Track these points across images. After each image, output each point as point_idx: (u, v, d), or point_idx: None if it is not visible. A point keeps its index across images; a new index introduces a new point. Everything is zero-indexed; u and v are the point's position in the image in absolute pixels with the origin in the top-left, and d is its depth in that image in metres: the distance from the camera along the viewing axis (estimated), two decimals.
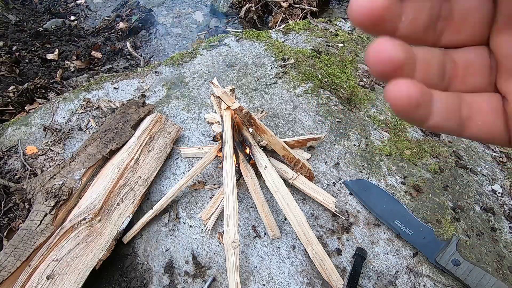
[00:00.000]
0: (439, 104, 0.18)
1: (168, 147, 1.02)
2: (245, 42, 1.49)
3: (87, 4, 2.54)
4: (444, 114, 0.18)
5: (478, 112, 0.18)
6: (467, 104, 0.18)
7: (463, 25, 0.18)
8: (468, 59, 0.18)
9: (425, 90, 0.17)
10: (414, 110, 0.16)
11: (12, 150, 1.11)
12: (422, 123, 0.18)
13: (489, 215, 0.91)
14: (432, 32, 0.18)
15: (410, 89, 0.16)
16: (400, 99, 0.16)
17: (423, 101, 0.17)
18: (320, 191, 0.88)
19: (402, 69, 0.16)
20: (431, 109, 0.17)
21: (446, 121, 0.18)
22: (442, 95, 0.18)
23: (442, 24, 0.18)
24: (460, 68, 0.18)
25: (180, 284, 0.79)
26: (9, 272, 0.71)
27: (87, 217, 0.81)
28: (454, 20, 0.17)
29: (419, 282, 0.78)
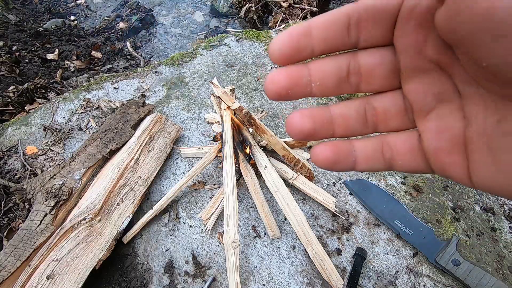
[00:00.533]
0: (360, 153, 0.21)
1: (168, 147, 1.02)
2: (245, 42, 1.49)
3: (87, 4, 2.54)
4: (368, 161, 0.21)
5: (398, 153, 0.20)
6: (388, 145, 0.21)
7: (372, 78, 0.20)
8: (385, 105, 0.21)
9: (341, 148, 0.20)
10: (335, 166, 0.20)
11: (12, 150, 1.11)
12: (353, 170, 0.21)
13: (489, 215, 0.91)
14: (348, 86, 0.20)
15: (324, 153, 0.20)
16: (321, 162, 0.20)
17: (339, 159, 0.20)
18: (320, 191, 0.88)
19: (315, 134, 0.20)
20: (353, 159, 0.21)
21: (371, 165, 0.21)
22: (363, 143, 0.21)
23: (355, 78, 0.20)
24: (380, 114, 0.21)
25: (180, 284, 0.79)
26: (9, 272, 0.71)
27: (87, 217, 0.81)
28: (363, 75, 0.20)
29: (419, 282, 0.78)
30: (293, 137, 0.20)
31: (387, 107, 0.20)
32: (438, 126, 0.18)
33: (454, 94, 0.18)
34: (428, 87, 0.18)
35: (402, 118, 0.20)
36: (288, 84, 0.19)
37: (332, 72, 0.19)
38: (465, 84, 0.17)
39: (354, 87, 0.20)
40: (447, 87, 0.18)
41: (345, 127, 0.21)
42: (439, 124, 0.18)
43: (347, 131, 0.21)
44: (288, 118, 0.20)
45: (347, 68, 0.20)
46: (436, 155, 0.19)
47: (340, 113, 0.21)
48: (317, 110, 0.20)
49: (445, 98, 0.18)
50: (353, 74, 0.20)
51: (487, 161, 0.16)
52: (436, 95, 0.18)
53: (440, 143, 0.18)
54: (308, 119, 0.20)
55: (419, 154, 0.20)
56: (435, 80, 0.18)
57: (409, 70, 0.19)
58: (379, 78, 0.20)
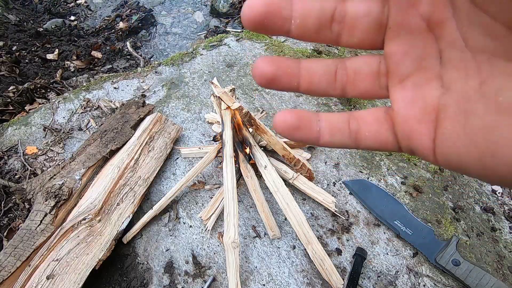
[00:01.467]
0: (325, 123, 0.20)
1: (168, 147, 1.02)
2: (245, 42, 1.49)
3: (87, 4, 2.54)
4: (332, 131, 0.20)
5: (365, 123, 0.20)
6: (355, 118, 0.20)
7: (355, 30, 0.18)
8: (357, 66, 0.20)
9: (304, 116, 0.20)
10: (296, 133, 0.20)
11: (12, 150, 1.11)
12: (316, 142, 0.20)
13: (489, 215, 0.91)
14: (328, 33, 0.19)
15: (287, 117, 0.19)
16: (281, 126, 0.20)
17: (301, 125, 0.19)
18: (320, 191, 0.88)
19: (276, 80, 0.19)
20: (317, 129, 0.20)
21: (336, 137, 0.20)
22: (329, 115, 0.20)
23: (338, 26, 0.18)
24: (351, 74, 0.20)
25: (180, 284, 0.79)
26: (9, 272, 0.71)
27: (87, 217, 0.81)
28: (346, 23, 0.18)
29: (419, 282, 0.78)
30: (256, 80, 0.19)
31: (360, 68, 0.20)
32: (413, 94, 0.18)
33: (435, 61, 0.17)
34: (410, 49, 0.18)
35: (373, 82, 0.20)
36: (264, 10, 0.17)
37: (315, 11, 0.18)
38: (451, 47, 0.16)
39: (335, 36, 0.19)
40: (429, 52, 0.17)
41: (310, 81, 0.20)
42: (412, 92, 0.18)
43: (312, 86, 0.20)
44: (255, 61, 0.19)
45: (332, 13, 0.18)
46: (405, 124, 0.18)
47: (309, 66, 0.20)
48: (285, 59, 0.19)
49: (424, 65, 0.17)
50: (337, 21, 0.18)
51: (457, 128, 0.16)
52: (416, 59, 0.18)
53: (411, 111, 0.18)
54: (272, 64, 0.19)
55: (386, 126, 0.19)
56: (420, 42, 0.17)
57: (396, 27, 0.18)
58: (362, 30, 0.18)
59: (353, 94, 0.20)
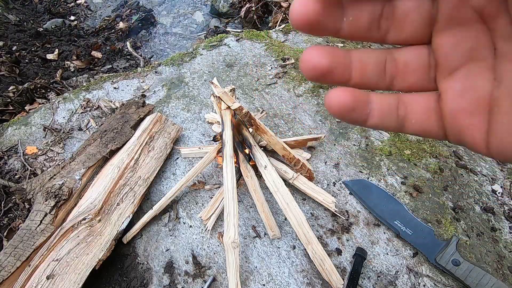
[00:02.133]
0: (376, 106, 0.20)
1: (168, 147, 1.02)
2: (245, 42, 1.49)
3: (87, 4, 2.54)
4: (382, 115, 0.20)
5: (412, 111, 0.19)
6: (404, 104, 0.20)
7: (404, 25, 0.18)
8: (407, 58, 0.19)
9: (359, 96, 0.19)
10: (350, 114, 0.19)
11: (12, 150, 1.11)
12: (363, 124, 0.20)
13: (489, 215, 0.91)
14: (376, 31, 0.18)
15: (342, 97, 0.18)
16: (336, 106, 0.19)
17: (356, 106, 0.19)
18: (320, 191, 0.88)
19: (330, 73, 0.18)
20: (368, 111, 0.19)
21: (384, 121, 0.20)
22: (380, 97, 0.20)
23: (386, 23, 0.18)
24: (400, 66, 0.19)
25: (180, 284, 0.79)
26: (9, 272, 0.71)
27: (87, 217, 0.81)
28: (395, 19, 0.18)
29: (419, 282, 0.78)
30: (306, 74, 0.18)
31: (409, 59, 0.19)
32: (464, 85, 0.17)
33: (489, 52, 0.17)
34: (461, 41, 0.17)
35: (423, 74, 0.19)
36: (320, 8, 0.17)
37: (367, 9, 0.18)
38: (505, 40, 0.16)
39: (383, 33, 0.19)
40: (482, 43, 0.17)
41: (362, 74, 0.19)
42: (464, 83, 0.17)
43: (363, 79, 0.19)
44: (304, 52, 0.18)
45: (382, 8, 0.18)
46: (455, 116, 0.18)
47: (360, 58, 0.19)
48: (337, 49, 0.19)
49: (477, 56, 0.17)
50: (385, 18, 0.18)
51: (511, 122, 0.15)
52: (468, 51, 0.17)
53: (462, 103, 0.17)
54: (326, 55, 0.18)
55: (434, 115, 0.19)
56: (472, 34, 0.17)
57: (446, 20, 0.17)
58: (411, 24, 0.18)
59: (401, 86, 0.20)
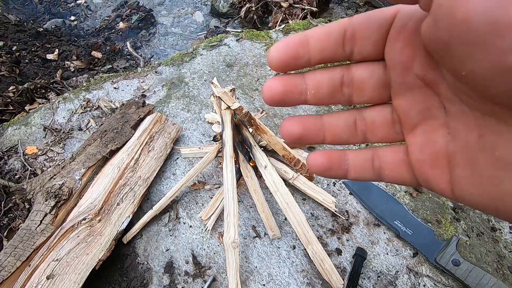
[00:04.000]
0: (352, 162, 0.22)
1: (168, 147, 1.02)
2: (245, 42, 1.49)
3: (87, 4, 2.54)
4: (359, 169, 0.22)
5: (386, 163, 0.21)
6: (378, 157, 0.22)
7: (364, 90, 0.21)
8: (374, 116, 0.22)
9: (334, 157, 0.22)
10: (328, 172, 0.22)
11: (12, 150, 1.11)
12: (344, 177, 0.23)
13: (489, 215, 0.91)
14: (341, 96, 0.21)
15: (319, 160, 0.22)
16: (314, 167, 0.22)
17: (333, 166, 0.22)
18: (320, 191, 0.88)
19: (304, 138, 0.22)
20: (346, 167, 0.22)
21: (362, 174, 0.22)
22: (355, 153, 0.22)
23: (348, 89, 0.21)
24: (369, 123, 0.22)
25: (180, 284, 0.79)
26: (9, 272, 0.71)
27: (87, 217, 0.81)
28: (355, 86, 0.21)
29: (419, 282, 0.78)
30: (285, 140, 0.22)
31: (376, 118, 0.22)
32: (422, 141, 0.19)
33: (440, 111, 0.18)
34: (414, 103, 0.19)
35: (390, 129, 0.21)
36: (284, 91, 0.20)
37: (326, 83, 0.21)
38: (449, 102, 0.17)
39: (347, 97, 0.21)
40: (433, 104, 0.18)
41: (334, 134, 0.22)
42: (423, 139, 0.19)
43: (336, 138, 0.22)
44: (281, 124, 0.22)
45: (341, 79, 0.21)
46: (420, 167, 0.20)
47: (331, 121, 0.22)
48: (309, 118, 0.22)
49: (430, 114, 0.19)
50: (346, 86, 0.21)
51: (467, 175, 0.17)
52: (421, 111, 0.19)
53: (423, 156, 0.19)
54: (297, 125, 0.22)
55: (405, 167, 0.21)
56: (422, 96, 0.19)
57: (398, 86, 0.19)
58: (370, 90, 0.21)
59: (374, 140, 0.22)
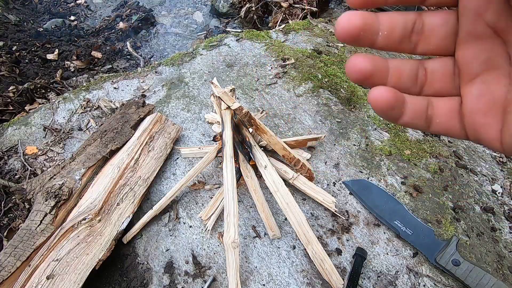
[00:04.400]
0: (410, 106, 0.22)
1: (168, 147, 1.02)
2: (245, 42, 1.49)
3: (87, 4, 2.54)
4: (413, 114, 0.22)
5: (438, 112, 0.22)
6: (432, 106, 0.23)
7: (431, 38, 0.21)
8: (434, 67, 0.22)
9: (399, 96, 0.22)
10: (390, 111, 0.22)
11: (12, 150, 1.11)
12: (395, 121, 0.23)
13: (489, 215, 0.91)
14: (408, 43, 0.22)
15: (386, 94, 0.21)
16: (380, 102, 0.21)
17: (396, 104, 0.22)
18: (320, 191, 0.88)
19: (371, 77, 0.21)
20: (403, 110, 0.22)
21: (414, 119, 0.23)
22: (413, 99, 0.22)
23: (416, 37, 0.21)
24: (429, 74, 0.23)
25: (180, 284, 0.79)
26: (9, 272, 0.71)
27: (87, 217, 0.81)
28: (424, 34, 0.21)
29: (419, 282, 0.78)
30: (351, 77, 0.21)
31: (436, 69, 0.22)
32: (480, 90, 0.20)
33: (504, 61, 0.19)
34: (479, 52, 0.20)
35: (448, 81, 0.22)
36: (361, 25, 0.20)
37: (399, 26, 0.21)
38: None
39: (413, 46, 0.22)
40: (498, 54, 0.19)
41: (398, 79, 0.22)
42: (481, 88, 0.20)
43: (398, 83, 0.22)
44: (350, 59, 0.21)
45: (413, 25, 0.21)
46: (472, 116, 0.20)
47: (397, 66, 0.22)
48: (377, 57, 0.22)
49: (493, 65, 0.19)
50: (415, 33, 0.21)
51: None
52: (485, 61, 0.20)
53: (478, 104, 0.20)
54: (368, 61, 0.21)
55: (456, 117, 0.22)
56: (488, 46, 0.19)
57: (466, 34, 0.20)
58: (437, 39, 0.21)
59: (429, 93, 0.23)
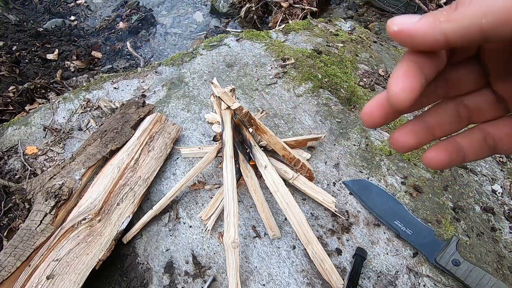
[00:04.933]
0: (467, 147, 0.23)
1: (168, 147, 1.02)
2: (245, 42, 1.49)
3: (87, 4, 2.54)
4: (475, 151, 0.23)
5: (500, 138, 0.23)
6: (489, 135, 0.23)
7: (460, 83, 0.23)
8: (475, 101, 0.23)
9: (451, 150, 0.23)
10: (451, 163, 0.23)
11: (12, 150, 1.11)
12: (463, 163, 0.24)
13: (489, 215, 0.91)
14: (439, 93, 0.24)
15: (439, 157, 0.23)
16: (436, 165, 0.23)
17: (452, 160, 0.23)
18: (320, 191, 0.88)
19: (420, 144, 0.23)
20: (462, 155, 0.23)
21: (478, 155, 0.23)
22: (465, 138, 0.23)
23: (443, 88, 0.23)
24: (473, 108, 0.23)
25: (180, 284, 0.79)
26: (9, 272, 0.71)
27: (87, 217, 0.81)
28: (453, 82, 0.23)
29: (419, 282, 0.78)
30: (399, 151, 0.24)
31: (479, 102, 0.23)
32: None
33: None
34: None
35: (496, 109, 0.23)
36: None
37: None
38: None
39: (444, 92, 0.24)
40: None
41: (443, 130, 0.24)
42: None
43: (446, 132, 0.24)
44: (392, 137, 0.23)
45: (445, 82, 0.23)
46: None
47: (435, 120, 0.23)
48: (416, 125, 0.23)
49: None
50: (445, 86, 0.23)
51: None
52: None
53: None
54: (411, 135, 0.23)
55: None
56: None
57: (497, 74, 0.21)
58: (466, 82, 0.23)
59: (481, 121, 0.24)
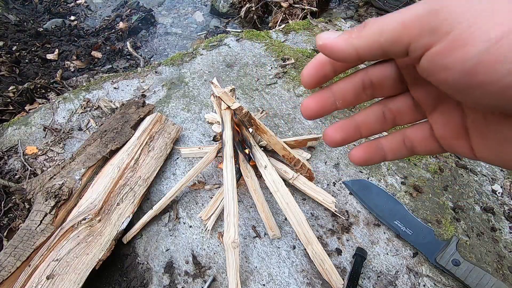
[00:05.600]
0: (387, 147, 0.26)
1: (168, 147, 1.02)
2: (245, 42, 1.49)
3: (87, 4, 2.54)
4: (394, 151, 0.26)
5: (416, 141, 0.26)
6: (408, 137, 0.26)
7: (383, 87, 0.25)
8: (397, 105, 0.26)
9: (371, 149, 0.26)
10: (370, 162, 0.27)
11: (12, 150, 1.11)
12: (383, 161, 0.27)
13: (489, 215, 0.91)
14: (364, 96, 0.25)
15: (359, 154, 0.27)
16: (358, 161, 0.27)
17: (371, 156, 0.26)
18: (320, 191, 0.88)
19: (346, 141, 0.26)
20: (383, 153, 0.26)
21: (397, 155, 0.27)
22: (387, 140, 0.26)
23: (370, 90, 0.25)
24: (395, 111, 0.26)
25: (180, 284, 0.79)
26: (9, 272, 0.71)
27: (87, 217, 0.81)
28: (375, 85, 0.25)
29: (419, 282, 0.78)
30: (330, 146, 0.27)
31: (400, 106, 0.26)
32: (443, 120, 0.23)
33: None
34: (429, 93, 0.23)
35: (414, 112, 0.25)
36: (318, 108, 0.25)
37: (351, 90, 0.25)
38: None
39: (370, 95, 0.25)
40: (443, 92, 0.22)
41: (369, 129, 0.26)
42: (443, 118, 0.23)
43: (371, 131, 0.26)
44: (324, 132, 0.27)
45: (362, 84, 0.25)
46: (445, 140, 0.24)
47: (363, 119, 0.26)
48: (345, 123, 0.26)
49: (444, 99, 0.23)
50: (367, 88, 0.25)
51: (481, 142, 0.21)
52: (436, 97, 0.23)
53: (446, 132, 0.23)
54: (339, 132, 0.26)
55: (433, 140, 0.25)
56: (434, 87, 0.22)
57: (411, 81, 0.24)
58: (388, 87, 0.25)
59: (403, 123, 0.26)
